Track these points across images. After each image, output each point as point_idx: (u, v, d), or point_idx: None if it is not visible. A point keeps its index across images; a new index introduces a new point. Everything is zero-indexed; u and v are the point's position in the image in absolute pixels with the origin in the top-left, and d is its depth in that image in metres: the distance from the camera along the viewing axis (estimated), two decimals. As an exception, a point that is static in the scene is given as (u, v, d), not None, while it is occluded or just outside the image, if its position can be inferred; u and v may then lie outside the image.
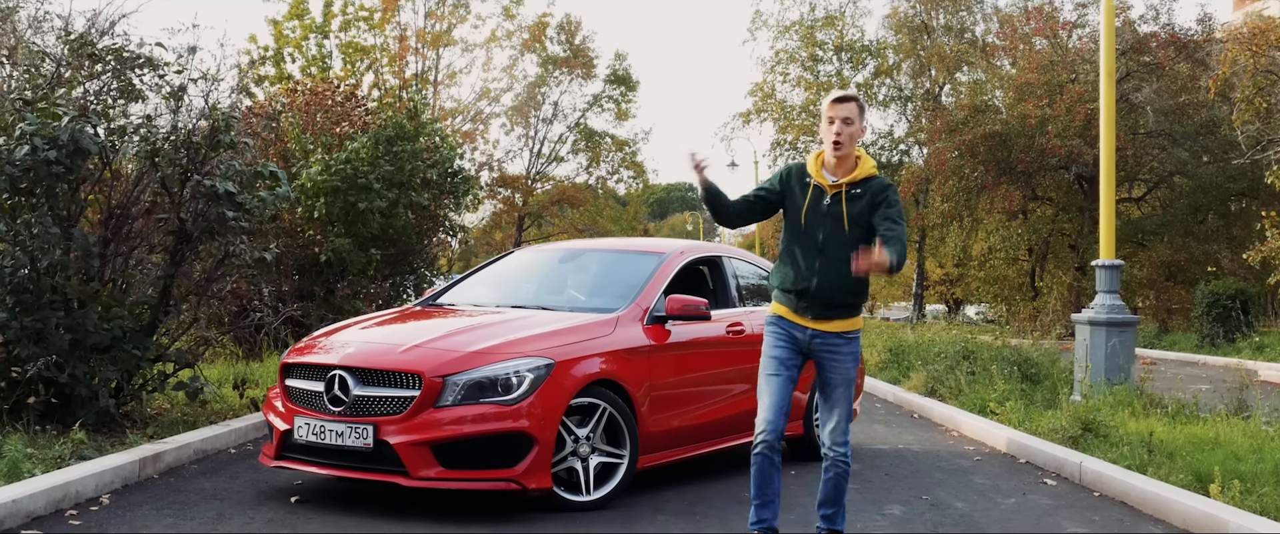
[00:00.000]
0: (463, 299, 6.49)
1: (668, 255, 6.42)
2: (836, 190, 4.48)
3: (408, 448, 4.95)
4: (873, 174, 4.55)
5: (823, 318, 4.50)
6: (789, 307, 4.55)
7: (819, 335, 4.52)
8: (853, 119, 4.45)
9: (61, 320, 6.60)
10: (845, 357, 4.54)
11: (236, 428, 7.12)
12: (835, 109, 4.47)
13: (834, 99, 4.49)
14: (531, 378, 5.14)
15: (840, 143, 4.44)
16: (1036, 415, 8.51)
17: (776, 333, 4.58)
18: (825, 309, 4.49)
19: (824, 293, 4.46)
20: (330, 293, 11.37)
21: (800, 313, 4.52)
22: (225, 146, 7.25)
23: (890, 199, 4.48)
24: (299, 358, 5.46)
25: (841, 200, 4.46)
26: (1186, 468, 6.24)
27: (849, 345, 4.55)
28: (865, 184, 4.51)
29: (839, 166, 4.51)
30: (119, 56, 7.31)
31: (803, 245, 4.52)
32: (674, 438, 5.94)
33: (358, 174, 11.12)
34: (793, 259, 4.54)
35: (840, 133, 4.43)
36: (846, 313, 4.53)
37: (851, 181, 4.49)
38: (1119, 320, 9.56)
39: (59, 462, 5.71)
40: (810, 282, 4.47)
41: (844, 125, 4.45)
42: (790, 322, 4.56)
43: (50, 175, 6.44)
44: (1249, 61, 16.60)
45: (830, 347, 4.53)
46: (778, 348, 4.56)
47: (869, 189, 4.49)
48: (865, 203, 4.46)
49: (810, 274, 4.48)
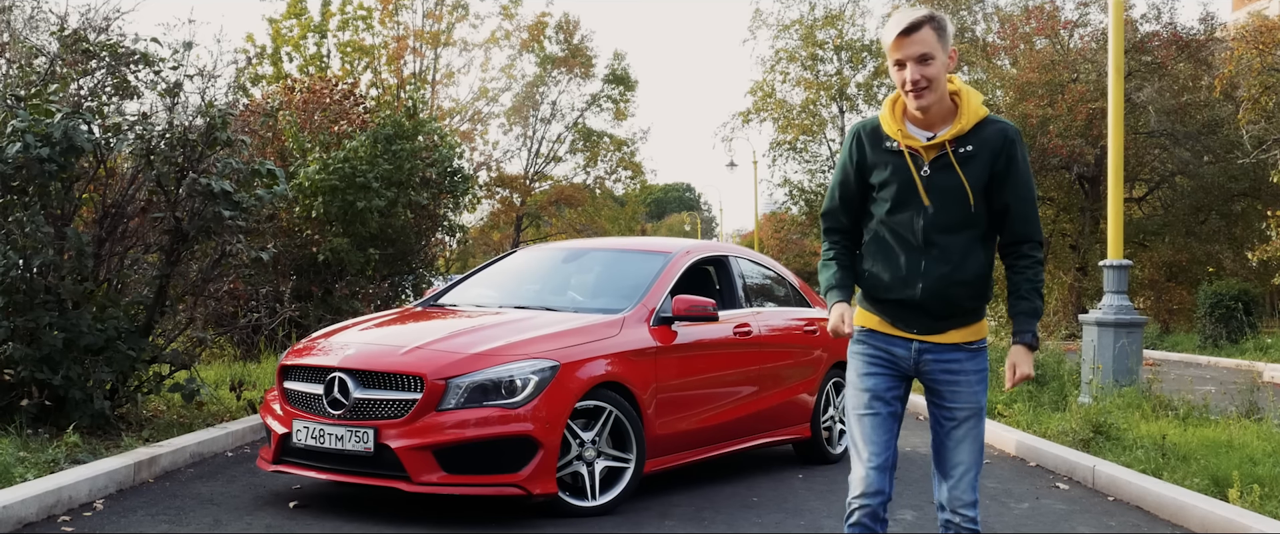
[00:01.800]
0: (464, 299, 6.36)
1: (674, 255, 6.30)
2: (937, 152, 3.14)
3: (409, 452, 4.82)
4: (983, 116, 3.16)
5: (935, 329, 3.23)
6: (885, 316, 3.28)
7: (930, 350, 3.23)
8: (931, 52, 3.05)
9: (54, 321, 6.47)
10: (969, 378, 3.23)
11: (233, 431, 6.99)
12: (901, 47, 3.06)
13: (899, 32, 3.05)
14: (536, 380, 5.01)
15: (922, 89, 3.07)
16: (1045, 417, 8.40)
17: (867, 353, 3.30)
18: (937, 320, 3.22)
19: (935, 300, 3.17)
20: (328, 293, 11.24)
21: (902, 325, 3.25)
22: (222, 144, 7.13)
23: (1017, 162, 3.13)
24: (297, 360, 5.33)
25: (948, 165, 3.13)
26: (1202, 472, 6.12)
27: (973, 361, 3.24)
28: (978, 135, 3.13)
29: (930, 117, 3.15)
30: (114, 52, 7.19)
31: (898, 237, 3.20)
32: (681, 441, 5.82)
33: (356, 173, 11.00)
34: (885, 258, 3.23)
35: (918, 76, 3.06)
36: (968, 319, 3.24)
37: (958, 135, 3.13)
38: (1127, 321, 9.45)
39: (52, 465, 5.58)
40: (914, 288, 3.18)
41: (919, 66, 3.05)
42: (886, 335, 3.27)
43: (43, 173, 6.31)
44: (1255, 60, 16.50)
45: (947, 365, 3.23)
46: (871, 374, 3.28)
47: (985, 143, 3.13)
48: (982, 164, 3.12)
49: (913, 278, 3.18)
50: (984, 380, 3.26)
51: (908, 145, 3.15)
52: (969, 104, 3.13)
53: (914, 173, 3.15)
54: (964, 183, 3.12)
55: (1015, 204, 3.17)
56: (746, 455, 6.80)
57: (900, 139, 3.16)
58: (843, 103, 36.09)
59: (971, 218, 3.16)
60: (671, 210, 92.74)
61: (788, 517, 5.45)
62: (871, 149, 3.24)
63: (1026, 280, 3.19)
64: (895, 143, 3.17)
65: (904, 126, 3.17)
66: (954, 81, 3.17)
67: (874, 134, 3.24)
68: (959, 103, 3.14)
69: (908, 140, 3.15)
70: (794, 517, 5.45)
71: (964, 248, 3.16)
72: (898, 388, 3.30)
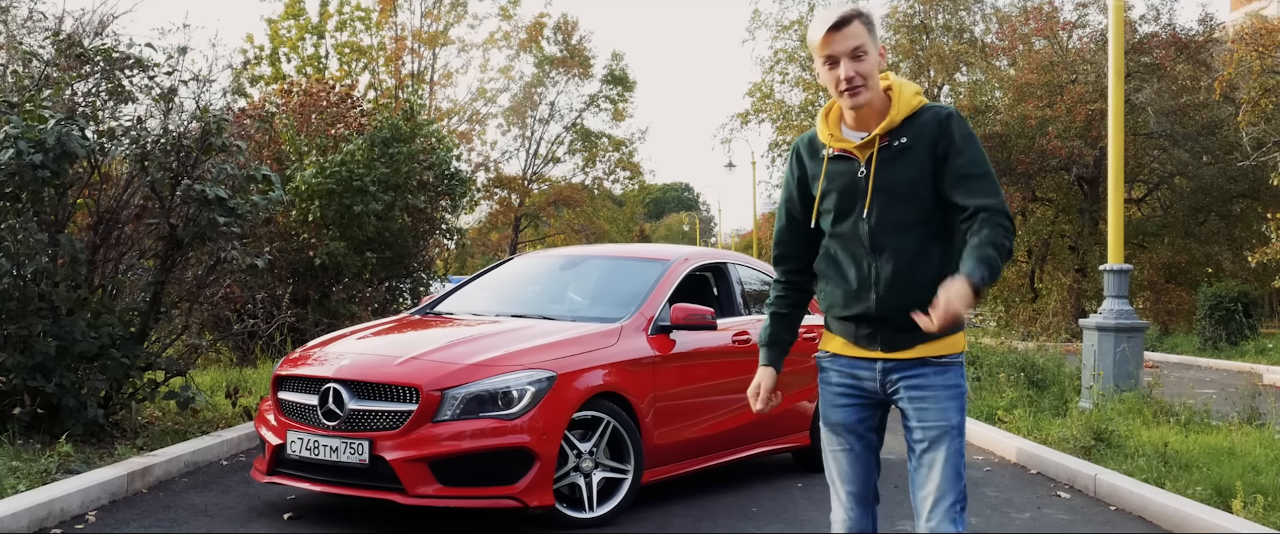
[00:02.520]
0: (461, 307, 6.31)
1: (672, 262, 6.24)
2: (871, 150, 2.92)
3: (404, 464, 4.77)
4: (918, 106, 2.92)
5: (898, 344, 2.91)
6: (847, 336, 3.00)
7: (896, 369, 2.92)
8: (863, 47, 2.84)
9: (48, 328, 6.42)
10: (937, 393, 2.88)
11: (228, 438, 6.94)
12: (831, 43, 2.83)
13: (829, 28, 2.83)
14: (533, 391, 4.96)
15: (856, 88, 2.85)
16: (1046, 423, 8.35)
17: (833, 381, 3.03)
18: (900, 332, 2.89)
19: (893, 310, 2.87)
20: (325, 296, 11.20)
21: (864, 343, 2.95)
22: (217, 149, 7.07)
23: (956, 141, 2.87)
24: (292, 370, 5.27)
25: (885, 161, 2.90)
26: (1205, 480, 6.07)
27: (942, 376, 2.89)
28: (912, 126, 2.90)
29: (864, 117, 2.93)
30: (108, 57, 7.13)
31: (846, 248, 2.95)
32: (680, 451, 5.77)
33: (353, 176, 10.95)
34: (837, 273, 2.98)
35: (852, 73, 2.84)
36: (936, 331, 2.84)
37: (889, 128, 2.90)
38: (1128, 326, 9.41)
39: (45, 476, 5.53)
40: (868, 299, 2.90)
41: (852, 62, 2.84)
42: (850, 358, 2.98)
43: (36, 180, 6.26)
44: (1255, 62, 16.46)
45: (913, 381, 2.91)
46: (840, 406, 3.02)
47: (920, 132, 2.89)
48: (921, 154, 2.88)
49: (866, 288, 2.91)
50: (957, 398, 2.90)
51: (841, 148, 2.95)
52: (901, 95, 2.91)
53: (851, 176, 2.93)
54: (903, 177, 2.87)
55: (959, 179, 2.85)
56: (745, 464, 6.75)
57: (833, 144, 2.96)
58: (841, 104, 36.02)
59: (919, 213, 2.88)
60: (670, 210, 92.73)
61: (787, 526, 5.40)
62: (809, 160, 3.04)
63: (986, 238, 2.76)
64: (830, 149, 2.97)
65: (839, 131, 2.98)
66: (887, 76, 2.95)
67: (811, 145, 3.05)
68: (892, 98, 2.91)
69: (841, 143, 2.95)
70: (793, 526, 5.40)
71: (916, 247, 2.87)
72: (871, 417, 3.02)
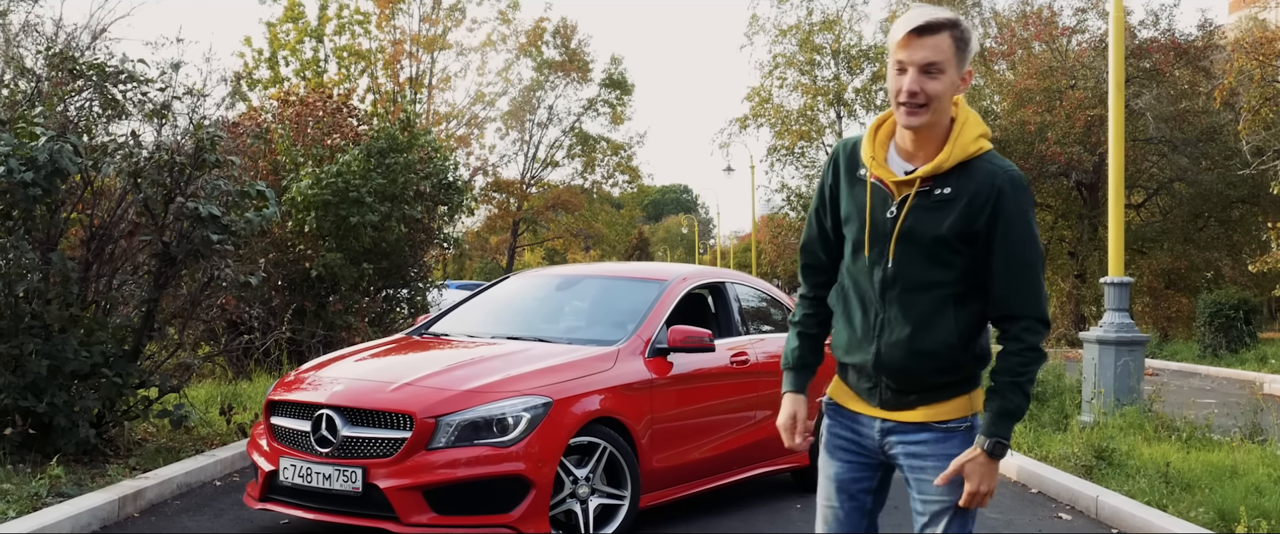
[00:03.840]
0: (457, 328, 6.24)
1: (670, 282, 6.18)
2: (909, 189, 2.55)
3: (398, 492, 4.71)
4: (976, 153, 2.53)
5: (899, 404, 2.63)
6: (850, 385, 2.73)
7: (896, 430, 2.64)
8: (942, 64, 2.45)
9: (39, 347, 6.35)
10: (943, 466, 2.57)
11: (222, 458, 6.87)
12: (908, 48, 2.46)
13: (911, 30, 2.45)
14: (528, 418, 4.90)
15: (917, 106, 2.47)
16: (1047, 439, 8.30)
17: (832, 430, 2.76)
18: (900, 394, 2.62)
19: (893, 369, 2.60)
20: (321, 307, 11.13)
21: (865, 396, 2.68)
22: (211, 165, 7.01)
23: (1008, 213, 2.50)
24: (285, 395, 5.21)
25: (919, 207, 2.54)
26: (1207, 503, 6.02)
27: (942, 444, 2.59)
28: (959, 177, 2.52)
29: (918, 145, 2.56)
30: (101, 71, 7.07)
31: (857, 288, 2.66)
32: (677, 474, 5.70)
33: (349, 187, 10.88)
34: (846, 312, 2.70)
35: (917, 88, 2.46)
36: (940, 394, 2.60)
37: (935, 172, 2.52)
38: (1129, 339, 9.36)
39: (35, 500, 5.46)
40: (868, 351, 2.62)
41: (922, 76, 2.45)
42: (851, 412, 2.72)
43: (27, 198, 6.19)
44: (1256, 71, 16.42)
45: (912, 448, 2.62)
46: (834, 460, 2.75)
47: (967, 187, 2.51)
48: (962, 211, 2.51)
49: (868, 339, 2.62)
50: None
51: (878, 177, 2.58)
52: (961, 135, 2.51)
53: (881, 212, 2.57)
54: (935, 232, 2.51)
55: (1001, 269, 2.52)
56: (744, 485, 6.69)
57: (872, 168, 2.59)
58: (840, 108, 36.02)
59: (943, 274, 2.54)
60: (669, 212, 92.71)
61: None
62: (846, 174, 2.67)
63: (1008, 369, 2.52)
64: (868, 172, 2.60)
65: (884, 153, 2.60)
66: (960, 105, 2.56)
67: (852, 156, 2.67)
68: (952, 133, 2.52)
69: (880, 170, 2.58)
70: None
71: (930, 309, 2.54)
72: (867, 478, 2.71)
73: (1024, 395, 2.53)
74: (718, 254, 67.95)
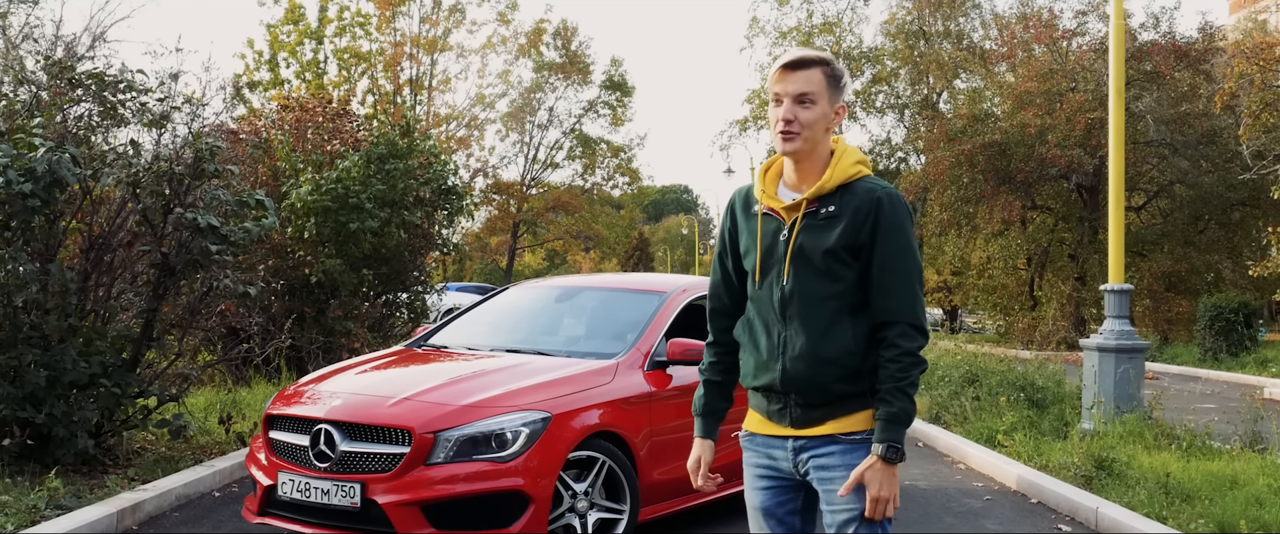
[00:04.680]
0: (456, 340, 6.23)
1: (669, 294, 6.17)
2: (797, 214, 2.76)
3: (397, 508, 4.70)
4: (855, 176, 2.75)
5: (808, 421, 2.74)
6: (761, 411, 2.83)
7: (806, 446, 2.74)
8: (812, 96, 2.70)
9: (38, 358, 6.35)
10: (842, 475, 2.69)
11: (221, 469, 6.87)
12: (782, 81, 2.72)
13: (784, 65, 2.73)
14: (527, 432, 4.89)
15: (791, 132, 2.71)
16: (1046, 448, 8.28)
17: (750, 463, 2.87)
18: (808, 409, 2.73)
19: (800, 384, 2.72)
20: (321, 313, 11.12)
21: (775, 418, 2.79)
22: (209, 175, 7.00)
23: (885, 226, 2.70)
24: (283, 409, 5.20)
25: (807, 227, 2.74)
26: (1208, 514, 6.01)
27: (849, 455, 2.70)
28: (841, 196, 2.73)
29: (801, 176, 2.78)
30: (100, 81, 7.07)
31: (760, 313, 2.81)
32: (677, 487, 5.69)
33: (349, 193, 10.88)
34: (751, 338, 2.83)
35: (790, 118, 2.70)
36: (846, 406, 2.72)
37: (819, 193, 2.73)
38: (1129, 347, 9.34)
39: (33, 512, 5.46)
40: (775, 370, 2.74)
41: (795, 105, 2.70)
42: (765, 437, 2.81)
43: (25, 209, 6.19)
44: (1256, 75, 16.40)
45: (821, 460, 2.72)
46: (756, 488, 2.85)
47: (849, 204, 2.72)
48: (845, 227, 2.71)
49: (774, 358, 2.75)
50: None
51: (769, 207, 2.80)
52: (841, 161, 2.75)
53: (774, 237, 2.77)
54: (823, 247, 2.69)
55: (879, 276, 2.69)
56: (742, 498, 6.67)
57: (764, 200, 2.81)
58: (840, 110, 36.01)
59: (835, 288, 2.70)
60: (669, 212, 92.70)
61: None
62: (742, 213, 2.89)
63: (888, 375, 2.65)
64: (760, 206, 2.82)
65: (774, 188, 2.83)
66: (838, 140, 2.80)
67: (746, 198, 2.90)
68: (831, 161, 2.76)
69: (771, 202, 2.80)
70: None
71: (828, 320, 2.70)
72: (790, 500, 2.82)
73: (908, 400, 2.65)
74: (718, 255, 67.83)
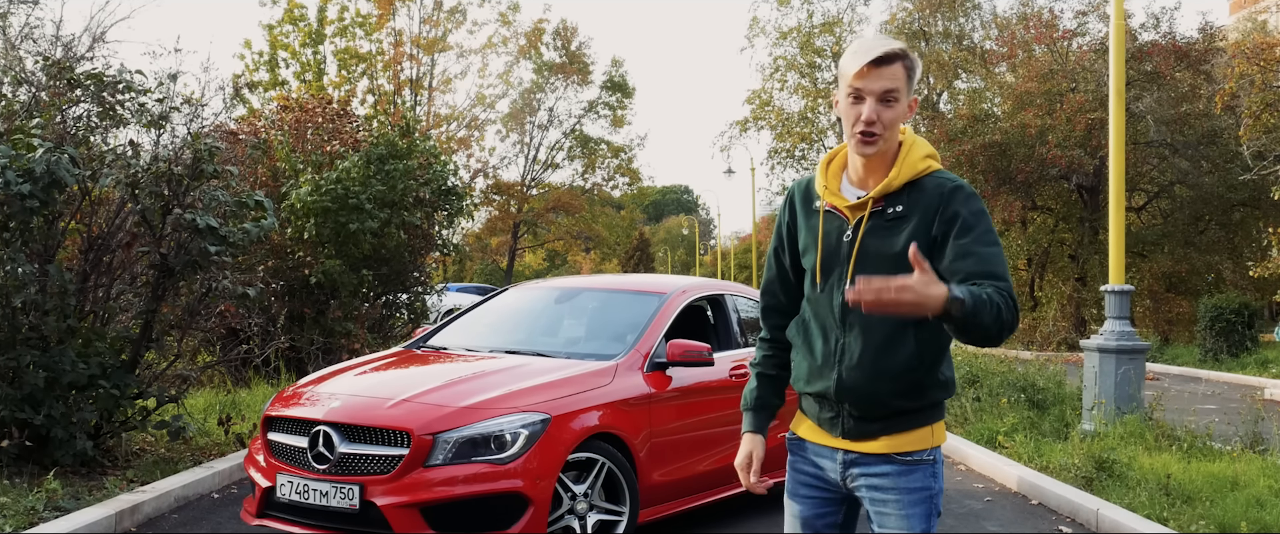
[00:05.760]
0: (455, 342, 6.22)
1: (669, 295, 6.16)
2: (862, 213, 2.58)
3: (396, 510, 4.69)
4: (924, 171, 2.57)
5: (861, 434, 2.59)
6: (813, 418, 2.69)
7: (857, 462, 2.60)
8: (896, 93, 2.50)
9: (36, 359, 6.34)
10: (903, 499, 2.56)
11: (219, 470, 6.85)
12: (866, 78, 2.49)
13: (870, 61, 2.48)
14: (526, 434, 4.88)
15: (872, 134, 2.51)
16: (1047, 449, 8.26)
17: (795, 466, 2.74)
18: (862, 421, 2.58)
19: (855, 395, 2.56)
20: (321, 314, 11.11)
21: (827, 426, 2.64)
22: (208, 176, 6.99)
23: (964, 217, 2.49)
24: (282, 410, 5.19)
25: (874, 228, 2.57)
26: (1208, 516, 6.00)
27: (905, 477, 2.56)
28: (909, 194, 2.56)
29: (868, 171, 2.60)
30: (99, 82, 7.06)
31: (817, 317, 2.63)
32: (676, 489, 5.68)
33: (349, 194, 10.87)
34: (806, 342, 2.66)
35: (873, 119, 2.50)
36: (903, 422, 2.57)
37: (885, 191, 2.56)
38: (1130, 348, 9.32)
39: (32, 514, 5.45)
40: (830, 378, 2.58)
41: (881, 105, 2.50)
42: (815, 445, 2.68)
43: (24, 210, 6.18)
44: (1257, 76, 16.38)
45: (873, 481, 2.59)
46: (797, 496, 2.72)
47: (918, 202, 2.55)
48: (916, 227, 2.52)
49: (829, 365, 2.58)
50: (924, 502, 2.55)
51: (832, 205, 2.62)
52: (909, 155, 2.56)
53: (837, 238, 2.60)
54: (890, 250, 2.52)
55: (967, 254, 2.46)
56: (742, 498, 6.67)
57: (826, 197, 2.64)
58: (841, 110, 36.05)
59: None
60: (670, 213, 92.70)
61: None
62: (802, 208, 2.71)
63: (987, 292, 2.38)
64: (822, 202, 2.65)
65: (837, 183, 2.65)
66: (905, 131, 2.61)
67: (806, 192, 2.72)
68: (899, 156, 2.57)
69: (834, 199, 2.62)
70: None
71: (890, 332, 2.51)
72: (831, 513, 2.69)
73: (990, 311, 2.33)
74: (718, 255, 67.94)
